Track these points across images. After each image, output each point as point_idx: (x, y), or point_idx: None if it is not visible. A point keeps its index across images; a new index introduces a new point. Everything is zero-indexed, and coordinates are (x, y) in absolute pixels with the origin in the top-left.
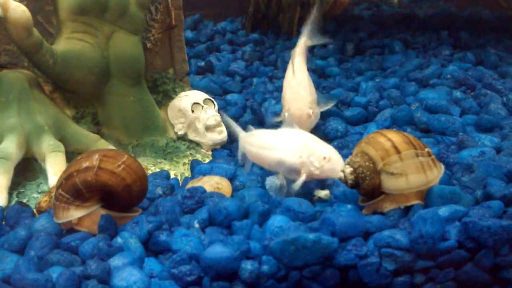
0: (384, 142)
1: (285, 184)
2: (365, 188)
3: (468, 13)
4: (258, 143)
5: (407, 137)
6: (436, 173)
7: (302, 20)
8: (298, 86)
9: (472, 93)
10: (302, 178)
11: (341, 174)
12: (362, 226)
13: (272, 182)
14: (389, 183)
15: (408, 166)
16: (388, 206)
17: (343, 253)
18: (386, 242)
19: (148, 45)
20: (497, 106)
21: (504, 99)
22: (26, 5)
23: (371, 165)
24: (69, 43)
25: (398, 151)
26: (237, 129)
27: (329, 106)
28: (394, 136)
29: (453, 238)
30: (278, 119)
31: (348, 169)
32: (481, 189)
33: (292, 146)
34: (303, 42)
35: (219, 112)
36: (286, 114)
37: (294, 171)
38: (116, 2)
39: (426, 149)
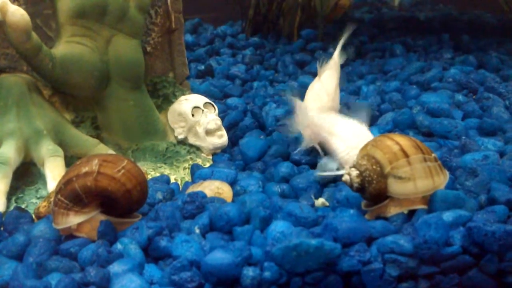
0: (392, 146)
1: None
2: (371, 192)
3: (469, 16)
4: (328, 128)
5: (415, 141)
6: (442, 178)
7: (303, 24)
8: (320, 90)
9: (474, 97)
10: (343, 171)
11: (347, 177)
12: (365, 232)
13: (326, 163)
14: (397, 187)
15: (416, 171)
16: (392, 211)
17: (346, 259)
18: (389, 248)
19: (148, 48)
20: (499, 110)
21: (506, 102)
22: (25, 9)
23: (378, 168)
24: (68, 46)
25: (406, 155)
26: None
27: None
28: (402, 140)
29: (458, 243)
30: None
31: (354, 172)
32: (485, 193)
33: (349, 140)
34: (337, 56)
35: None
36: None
37: (342, 163)
38: (116, 5)
39: (433, 154)
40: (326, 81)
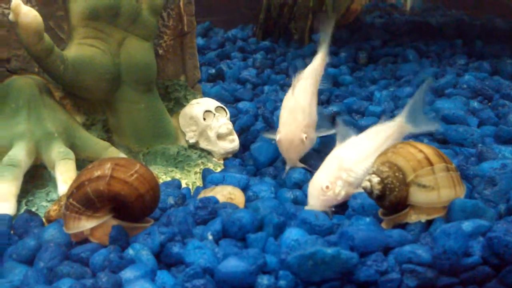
0: (416, 153)
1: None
2: (391, 200)
3: (481, 21)
4: None
5: (437, 150)
6: (463, 189)
7: (314, 28)
8: (295, 108)
9: (489, 104)
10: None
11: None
12: (382, 241)
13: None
14: (420, 196)
15: (440, 180)
16: (414, 219)
17: (363, 268)
18: (407, 258)
19: (160, 51)
20: None
21: None
22: (38, 10)
23: (401, 176)
24: (80, 48)
25: (431, 164)
26: None
27: (330, 132)
28: (425, 148)
29: (477, 254)
30: (272, 136)
31: (376, 179)
32: (504, 203)
33: None
34: (320, 58)
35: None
36: (277, 136)
37: None
38: (129, 7)
39: (453, 165)
40: (299, 96)
